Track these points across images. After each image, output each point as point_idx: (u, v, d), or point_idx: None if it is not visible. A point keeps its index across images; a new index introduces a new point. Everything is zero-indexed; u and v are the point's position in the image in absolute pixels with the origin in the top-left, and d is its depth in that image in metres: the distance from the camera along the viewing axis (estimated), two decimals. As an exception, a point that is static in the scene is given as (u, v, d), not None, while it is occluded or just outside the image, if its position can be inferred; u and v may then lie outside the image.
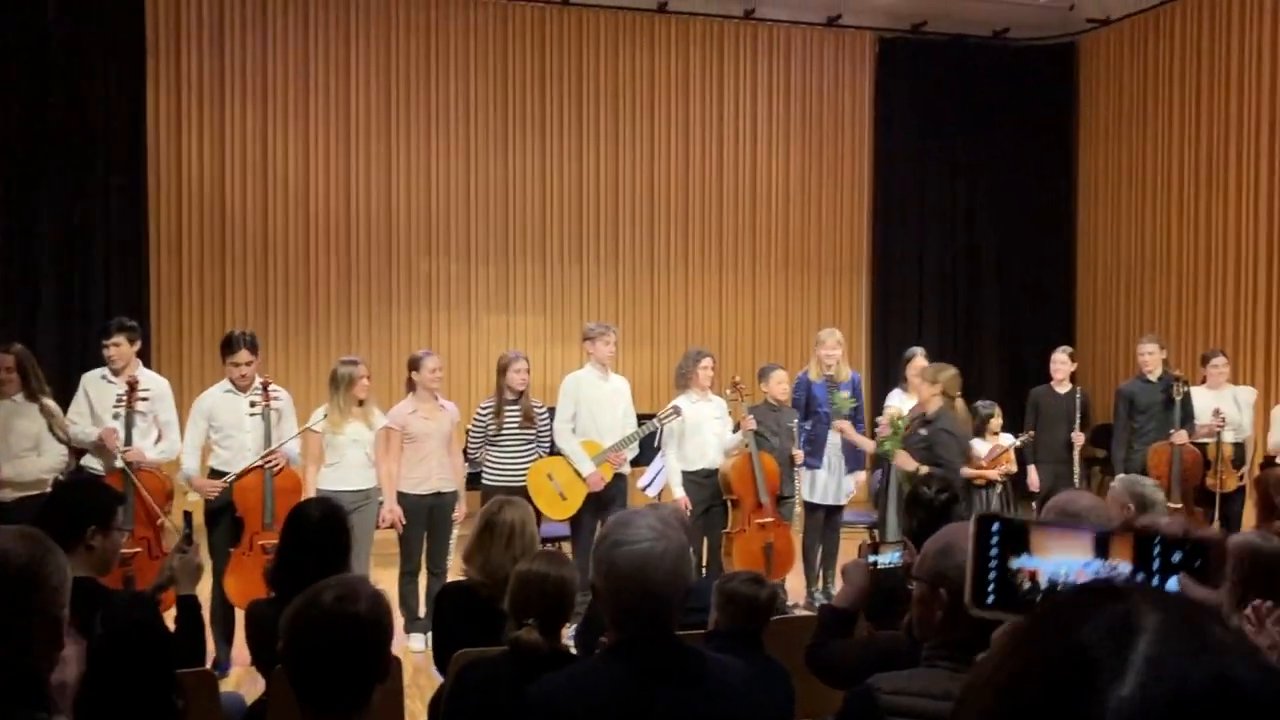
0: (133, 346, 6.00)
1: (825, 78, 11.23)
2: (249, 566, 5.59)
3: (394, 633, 1.91)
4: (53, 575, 1.70)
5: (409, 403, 6.38)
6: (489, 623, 3.36)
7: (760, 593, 3.22)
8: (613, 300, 10.66)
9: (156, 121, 9.58)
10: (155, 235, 9.58)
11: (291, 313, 9.94)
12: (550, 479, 6.54)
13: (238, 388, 5.95)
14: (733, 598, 3.20)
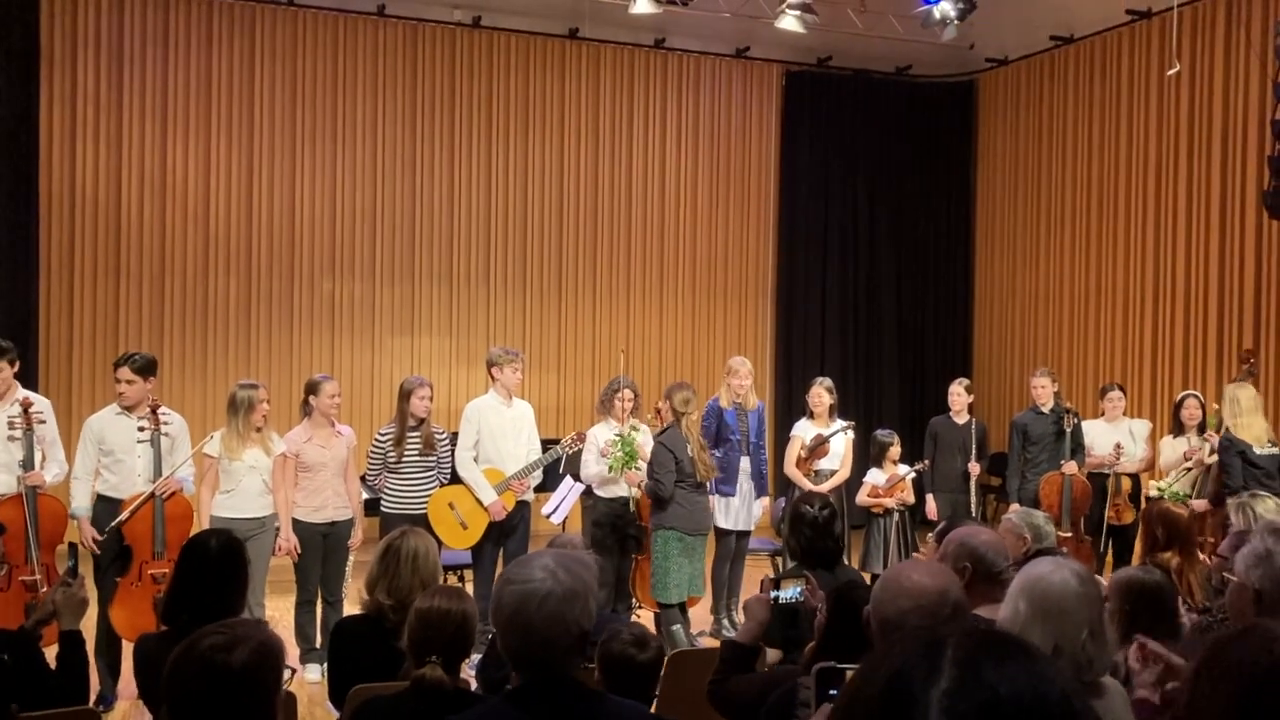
0: (12, 369, 5.74)
1: (734, 108, 11.37)
2: (137, 597, 5.41)
3: (280, 680, 1.84)
4: None
5: (304, 429, 6.24)
6: (387, 657, 3.27)
7: (641, 655, 3.02)
8: (520, 324, 10.62)
9: (49, 132, 9.29)
10: (46, 249, 9.29)
11: (189, 332, 9.69)
12: (452, 508, 6.47)
13: (123, 408, 5.76)
14: (612, 660, 2.98)
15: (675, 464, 6.37)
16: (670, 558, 6.37)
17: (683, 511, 6.42)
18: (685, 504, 6.43)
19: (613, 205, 10.96)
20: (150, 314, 9.61)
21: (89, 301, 9.46)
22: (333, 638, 3.55)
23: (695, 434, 6.53)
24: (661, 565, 6.38)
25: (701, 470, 6.46)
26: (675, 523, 6.41)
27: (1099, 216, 10.22)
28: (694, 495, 6.49)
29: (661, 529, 6.42)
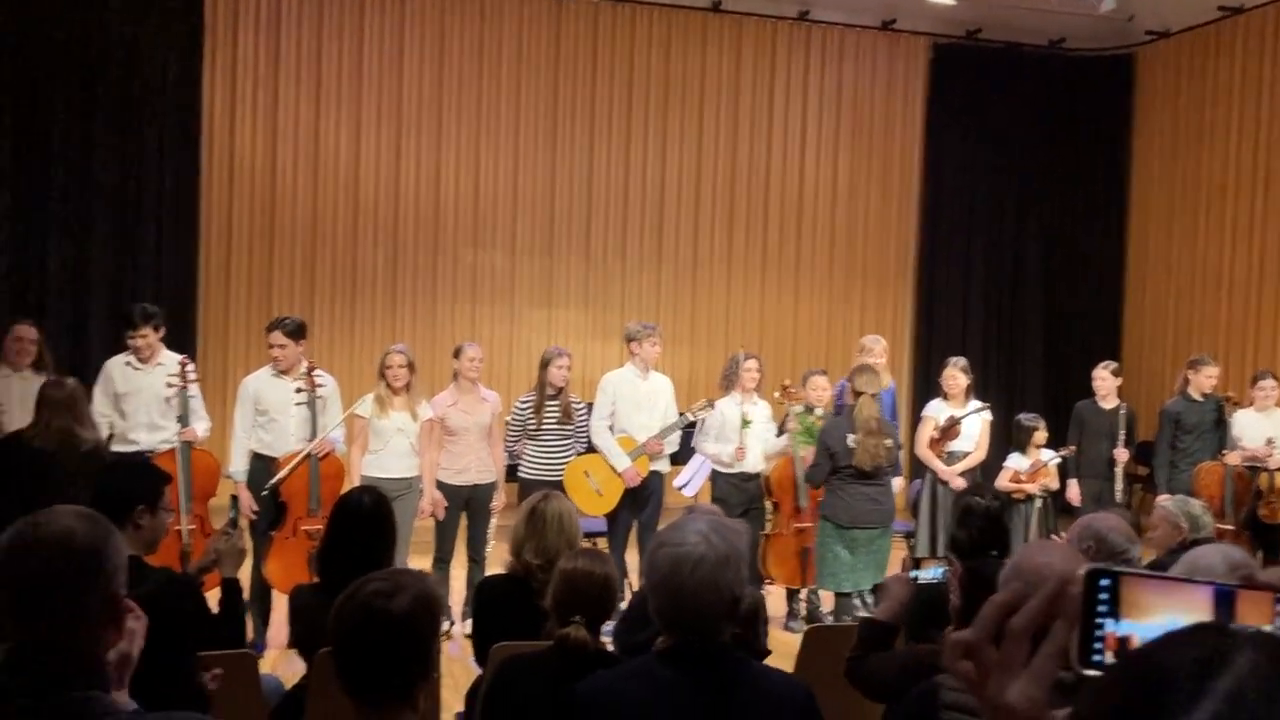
0: (158, 334, 6.05)
1: (878, 82, 11.15)
2: (291, 551, 5.66)
3: (439, 628, 1.91)
4: (113, 556, 1.71)
5: (450, 394, 6.41)
6: (529, 616, 3.35)
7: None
8: (654, 298, 10.65)
9: (211, 105, 9.67)
10: (206, 219, 9.68)
11: (338, 300, 10.00)
12: (587, 476, 6.56)
13: (277, 370, 6.00)
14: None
15: (829, 454, 6.25)
16: (827, 546, 6.27)
17: (837, 501, 6.26)
18: (842, 494, 6.24)
19: (750, 180, 10.88)
20: (301, 281, 9.95)
21: (244, 267, 9.84)
22: (477, 595, 3.65)
23: (869, 418, 6.26)
24: (820, 553, 6.32)
25: (863, 457, 6.18)
26: (829, 512, 6.31)
27: (1263, 197, 9.69)
28: (853, 485, 6.24)
29: (821, 516, 6.37)
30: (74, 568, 1.65)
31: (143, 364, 5.99)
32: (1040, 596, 0.87)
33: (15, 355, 5.68)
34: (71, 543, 1.66)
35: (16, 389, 5.66)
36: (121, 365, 6.03)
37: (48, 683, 1.57)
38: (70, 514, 1.71)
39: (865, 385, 6.27)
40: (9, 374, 5.67)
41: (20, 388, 5.64)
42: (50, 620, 1.62)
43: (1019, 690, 0.86)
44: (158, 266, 9.43)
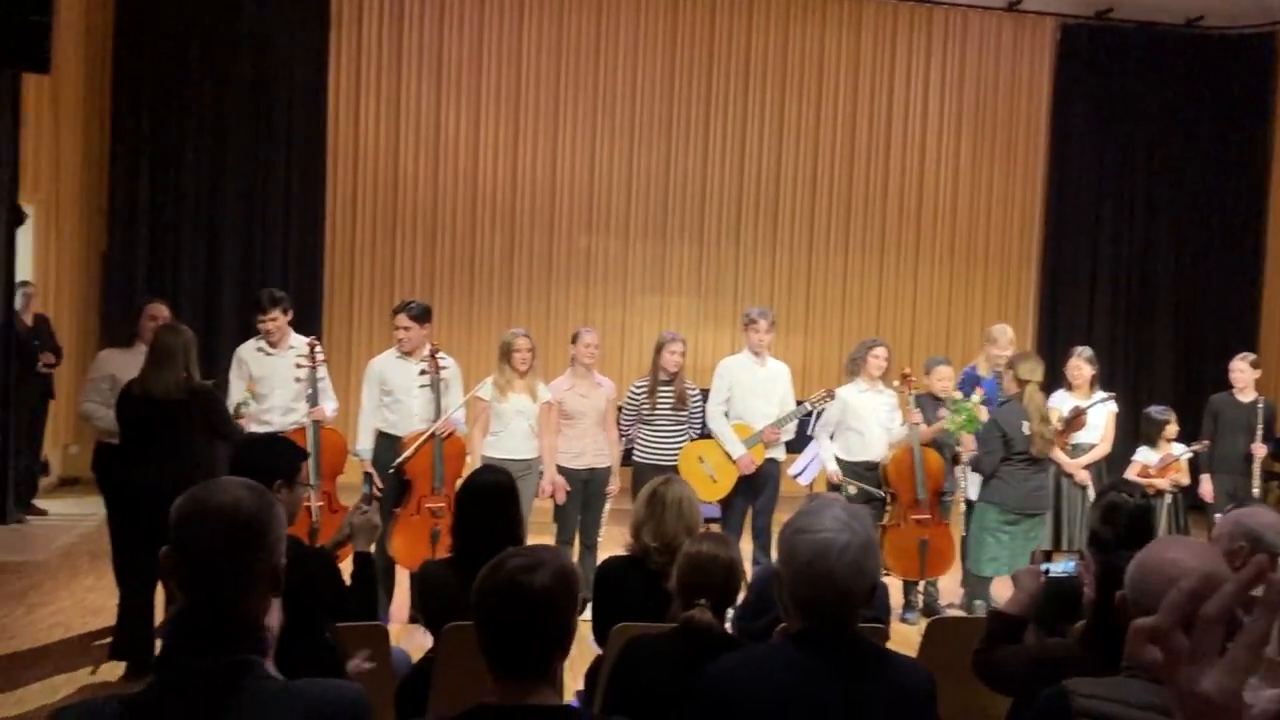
0: (286, 317, 6.22)
1: (1002, 64, 10.91)
2: (415, 528, 5.81)
3: (577, 603, 1.93)
4: (276, 527, 1.77)
5: (567, 378, 6.48)
6: (649, 597, 3.40)
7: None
8: (768, 284, 10.61)
9: (336, 93, 9.95)
10: (331, 206, 9.96)
11: (457, 284, 10.20)
12: (701, 461, 6.56)
13: (402, 352, 6.15)
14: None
15: (1004, 440, 6.19)
16: (987, 530, 6.22)
17: (1006, 488, 6.23)
18: (1011, 480, 6.22)
19: (869, 164, 10.74)
20: (422, 265, 10.17)
21: (368, 252, 10.11)
22: (598, 577, 3.69)
23: (1039, 406, 6.26)
24: (977, 537, 6.27)
25: (1040, 445, 6.19)
26: (996, 498, 6.26)
27: None
28: (1025, 472, 6.24)
29: (982, 501, 6.33)
30: (240, 537, 1.71)
31: (274, 348, 6.14)
32: (1236, 583, 0.84)
33: (150, 334, 5.73)
34: (238, 513, 1.72)
35: None
36: (253, 350, 6.20)
37: (210, 645, 1.65)
38: (238, 485, 1.77)
39: (1029, 373, 6.24)
40: (144, 351, 5.76)
41: None
42: (216, 586, 1.70)
43: (1214, 680, 0.84)
44: (285, 252, 9.76)
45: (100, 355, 5.96)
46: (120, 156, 9.54)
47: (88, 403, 5.71)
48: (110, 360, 5.79)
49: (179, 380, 5.12)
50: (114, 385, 5.56)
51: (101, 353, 6.01)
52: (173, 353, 5.15)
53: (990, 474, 6.27)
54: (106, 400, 5.61)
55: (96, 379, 5.74)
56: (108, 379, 5.66)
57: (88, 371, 5.91)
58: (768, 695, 1.99)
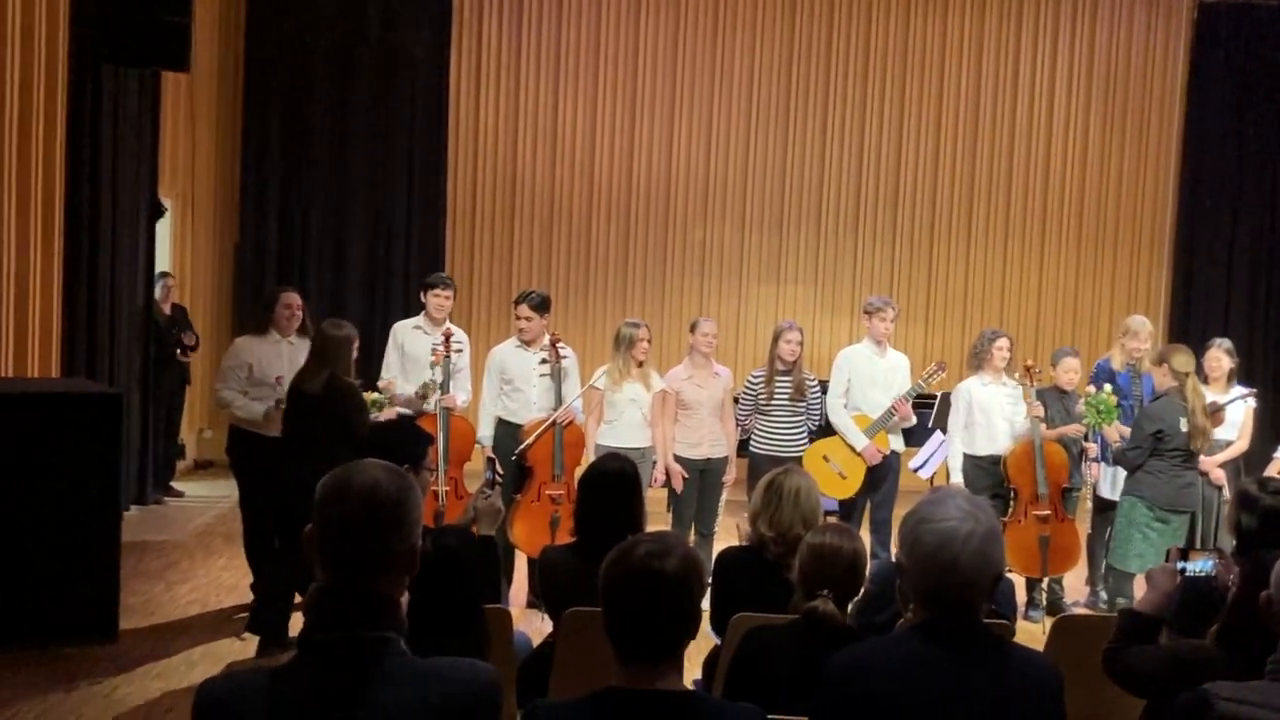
0: (450, 302, 6.53)
1: (1134, 44, 10.54)
2: (535, 514, 5.92)
3: (704, 587, 1.95)
4: (413, 509, 1.81)
5: (684, 368, 6.50)
6: (769, 588, 3.38)
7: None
8: (888, 273, 10.47)
9: (457, 88, 10.13)
10: (452, 197, 10.15)
11: (573, 274, 10.32)
12: (827, 460, 6.51)
13: (524, 343, 6.25)
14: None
15: (1157, 434, 5.99)
16: (1134, 524, 6.02)
17: (1154, 482, 6.00)
18: (1162, 476, 5.99)
19: (993, 149, 10.50)
20: (539, 256, 10.31)
21: (487, 243, 10.30)
22: (716, 566, 3.70)
23: (1201, 400, 6.04)
24: (1123, 532, 6.07)
25: (1199, 440, 5.98)
26: (1144, 491, 6.04)
27: None
28: (1178, 468, 6.01)
29: (1129, 495, 6.13)
30: (379, 517, 1.76)
31: (433, 328, 6.39)
32: None
33: (285, 321, 6.04)
34: (377, 493, 1.76)
35: (286, 353, 6.03)
36: (410, 328, 6.49)
37: (349, 621, 1.71)
38: (379, 467, 1.82)
39: (1185, 365, 6.03)
40: (278, 339, 6.06)
41: (289, 352, 6.00)
42: (355, 564, 1.75)
43: None
44: (408, 243, 10.00)
45: (236, 343, 6.17)
46: (251, 151, 9.88)
47: (224, 390, 5.91)
48: (245, 347, 5.99)
49: (324, 377, 5.28)
50: (249, 372, 5.82)
51: (237, 340, 6.22)
52: (325, 350, 5.32)
53: (1133, 469, 6.07)
54: (242, 387, 5.85)
55: (232, 366, 5.92)
56: (243, 366, 5.88)
57: (223, 359, 6.12)
58: (894, 686, 1.97)
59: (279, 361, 5.90)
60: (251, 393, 5.84)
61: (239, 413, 5.84)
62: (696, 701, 1.93)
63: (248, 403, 5.80)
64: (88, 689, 4.77)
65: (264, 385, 5.83)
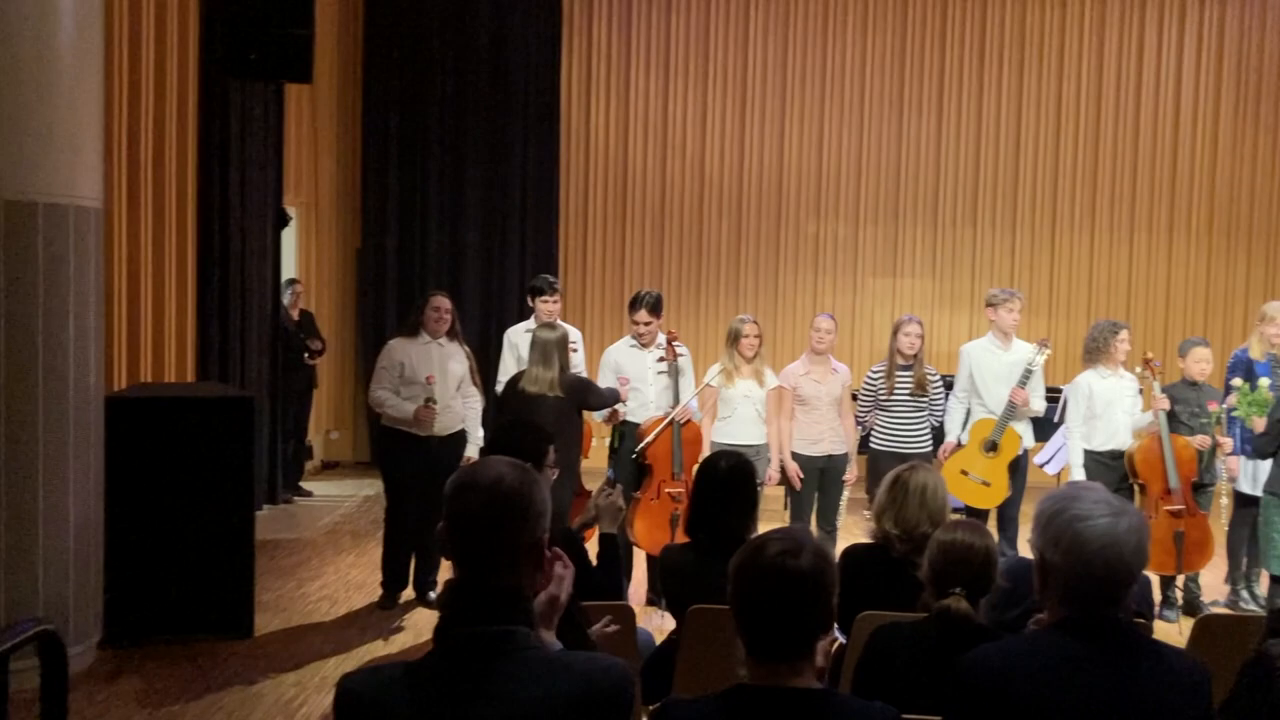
0: (558, 306, 6.66)
1: (1269, 21, 10.10)
2: (655, 512, 5.92)
3: (836, 584, 1.92)
4: (538, 503, 1.82)
5: (802, 364, 6.44)
6: (895, 586, 3.33)
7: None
8: (1008, 265, 10.24)
9: (568, 88, 10.23)
10: (564, 196, 10.26)
11: (685, 272, 10.35)
12: (966, 475, 6.37)
13: (640, 344, 6.28)
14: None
15: None
16: (1271, 524, 5.76)
17: None
18: None
19: (1116, 135, 10.20)
20: (651, 255, 10.36)
21: (599, 243, 10.38)
22: (842, 562, 3.60)
23: None
24: (1263, 533, 5.85)
25: None
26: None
27: None
28: None
29: (1269, 493, 5.84)
30: (503, 510, 1.78)
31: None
32: None
33: (434, 324, 6.17)
34: (500, 487, 1.78)
35: (435, 354, 6.16)
36: (522, 333, 6.56)
37: (481, 615, 1.74)
38: (502, 462, 1.85)
39: None
40: (428, 340, 6.18)
41: (439, 353, 6.15)
42: (483, 558, 1.78)
43: None
44: (522, 243, 10.11)
45: (389, 344, 6.26)
46: (371, 158, 10.09)
47: (378, 389, 6.05)
48: (397, 348, 6.10)
49: (554, 377, 5.63)
50: (401, 372, 6.01)
51: (390, 341, 6.30)
52: (547, 351, 5.66)
53: (1264, 456, 5.80)
54: (394, 386, 6.03)
55: (385, 367, 6.07)
56: (395, 366, 6.02)
57: (378, 360, 6.27)
58: (1039, 685, 1.94)
59: (428, 362, 6.05)
60: (403, 392, 5.99)
61: (391, 411, 6.00)
62: (832, 699, 1.90)
63: (399, 402, 5.96)
64: (227, 682, 4.93)
65: (414, 384, 5.99)
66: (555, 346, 5.71)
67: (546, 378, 5.65)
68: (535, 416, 5.25)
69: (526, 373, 5.75)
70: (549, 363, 5.66)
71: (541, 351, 5.69)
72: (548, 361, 5.66)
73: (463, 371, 6.21)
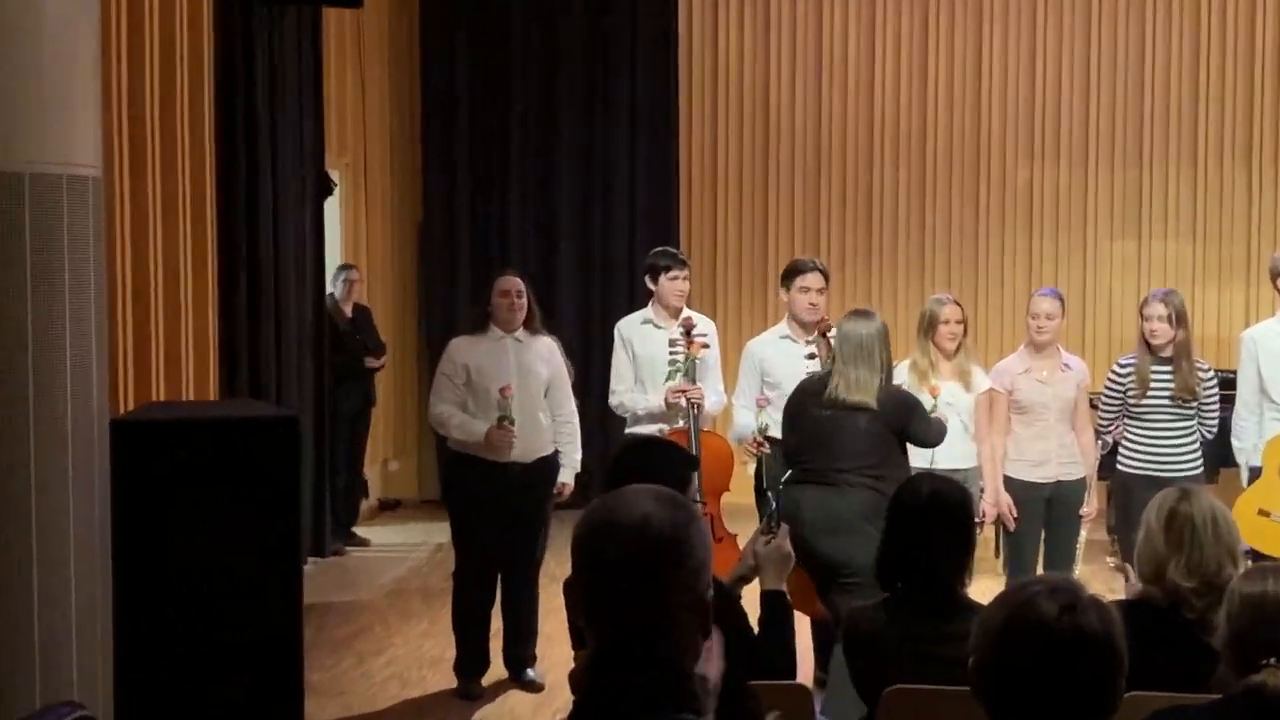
0: (687, 285, 6.52)
1: None
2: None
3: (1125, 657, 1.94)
4: (697, 549, 1.82)
5: (1018, 359, 6.32)
6: (1179, 653, 3.27)
7: None
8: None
9: (688, 9, 10.25)
10: (686, 152, 10.32)
11: (850, 239, 10.33)
12: (1267, 515, 6.12)
13: (798, 323, 6.16)
14: None
15: None
16: None
17: None
18: None
19: None
20: (804, 218, 10.34)
21: (734, 206, 10.40)
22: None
23: None
24: None
25: None
26: None
27: None
28: None
29: None
30: (653, 558, 1.77)
31: (667, 320, 6.35)
32: None
33: (505, 313, 5.98)
34: (648, 529, 1.77)
35: (512, 353, 6.02)
36: (638, 324, 6.52)
37: (632, 700, 1.71)
38: (648, 496, 1.84)
39: None
40: (500, 336, 6.07)
41: (516, 352, 6.04)
42: (629, 622, 1.77)
43: None
44: (631, 212, 10.14)
45: (450, 345, 6.25)
46: (434, 108, 10.22)
47: (439, 404, 6.05)
48: (462, 349, 6.09)
49: (880, 383, 5.34)
50: (467, 378, 5.98)
51: (452, 341, 6.30)
52: (865, 347, 5.36)
53: None
54: (459, 398, 6.00)
55: (447, 374, 6.07)
56: (459, 371, 6.01)
57: (439, 366, 6.24)
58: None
59: (503, 364, 5.98)
60: (472, 405, 5.98)
61: (456, 432, 6.01)
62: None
63: (466, 419, 5.92)
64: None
65: (485, 394, 5.94)
66: (877, 341, 5.39)
67: (872, 383, 5.32)
68: (835, 441, 5.20)
69: (837, 374, 5.40)
70: (872, 362, 5.34)
71: (858, 346, 5.36)
72: (870, 360, 5.34)
73: (550, 374, 6.16)
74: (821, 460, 5.33)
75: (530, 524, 6.06)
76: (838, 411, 5.32)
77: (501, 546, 6.01)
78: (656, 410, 6.28)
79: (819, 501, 5.26)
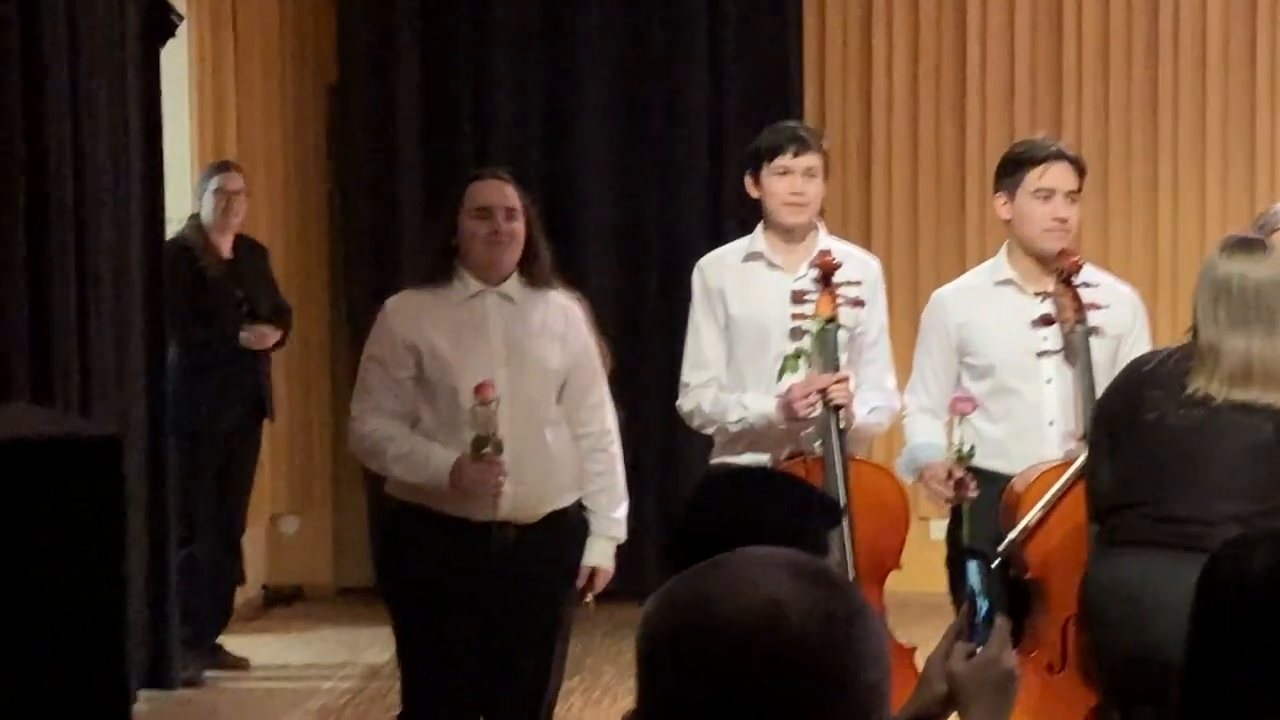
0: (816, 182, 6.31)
1: None
2: (1065, 685, 5.88)
3: None
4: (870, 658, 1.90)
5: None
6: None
7: None
8: None
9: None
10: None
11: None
12: None
13: (1035, 250, 6.31)
14: None
15: None
16: None
17: None
18: None
19: None
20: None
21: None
22: None
23: None
24: None
25: None
26: None
27: None
28: None
29: None
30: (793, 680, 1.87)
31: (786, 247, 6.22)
32: None
33: (484, 249, 6.17)
34: (783, 628, 1.87)
35: (497, 325, 6.09)
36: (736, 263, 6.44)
37: None
38: (777, 568, 1.93)
39: None
40: (477, 290, 5.86)
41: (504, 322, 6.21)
42: None
43: None
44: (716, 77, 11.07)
45: (388, 308, 6.03)
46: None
47: (370, 418, 5.93)
48: (408, 318, 6.06)
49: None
50: (420, 373, 5.84)
51: (390, 302, 6.05)
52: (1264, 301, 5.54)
53: None
54: (407, 409, 5.86)
55: (383, 361, 6.00)
56: (406, 357, 5.88)
57: (365, 348, 6.02)
58: None
59: (482, 342, 5.84)
60: (427, 418, 5.77)
61: (397, 468, 5.78)
62: None
63: (418, 443, 5.72)
64: None
65: (447, 399, 5.83)
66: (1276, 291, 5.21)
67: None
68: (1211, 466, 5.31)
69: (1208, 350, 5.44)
70: (1274, 327, 5.33)
71: (1253, 300, 5.39)
72: (1273, 325, 5.34)
73: (568, 362, 5.93)
74: (1185, 503, 5.35)
75: (532, 635, 5.99)
76: (1219, 414, 5.37)
77: (483, 676, 5.85)
78: (767, 422, 6.18)
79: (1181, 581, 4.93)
